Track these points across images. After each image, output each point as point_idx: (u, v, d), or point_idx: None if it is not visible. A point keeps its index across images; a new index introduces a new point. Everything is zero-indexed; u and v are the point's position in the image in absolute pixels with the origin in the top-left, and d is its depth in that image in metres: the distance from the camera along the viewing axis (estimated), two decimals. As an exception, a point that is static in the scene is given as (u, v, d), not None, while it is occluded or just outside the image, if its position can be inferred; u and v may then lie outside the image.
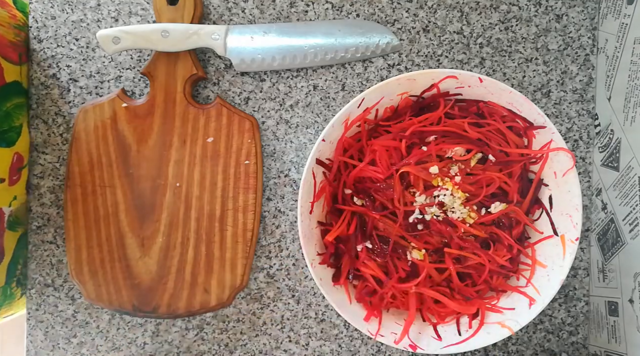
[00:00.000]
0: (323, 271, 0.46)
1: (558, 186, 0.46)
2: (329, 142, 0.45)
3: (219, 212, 0.53)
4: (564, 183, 0.45)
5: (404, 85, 0.45)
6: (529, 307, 0.46)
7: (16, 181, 0.53)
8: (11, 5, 0.57)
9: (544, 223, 0.48)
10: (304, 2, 0.55)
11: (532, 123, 0.45)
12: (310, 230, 0.46)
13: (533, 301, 0.46)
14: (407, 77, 0.43)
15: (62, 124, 0.54)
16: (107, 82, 0.55)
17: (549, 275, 0.46)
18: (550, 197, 0.47)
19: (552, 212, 0.47)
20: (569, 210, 0.45)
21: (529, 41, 0.55)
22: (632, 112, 0.49)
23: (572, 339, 0.56)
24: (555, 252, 0.46)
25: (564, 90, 0.56)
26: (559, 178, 0.46)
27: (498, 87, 0.44)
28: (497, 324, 0.46)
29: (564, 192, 0.45)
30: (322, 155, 0.46)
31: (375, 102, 0.46)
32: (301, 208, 0.44)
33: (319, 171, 0.47)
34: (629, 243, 0.49)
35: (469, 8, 0.55)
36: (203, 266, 0.52)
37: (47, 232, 0.54)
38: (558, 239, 0.46)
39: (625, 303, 0.50)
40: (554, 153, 0.45)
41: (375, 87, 0.43)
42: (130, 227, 0.52)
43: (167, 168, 0.52)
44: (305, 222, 0.45)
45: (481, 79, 0.43)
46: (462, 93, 0.47)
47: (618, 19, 0.52)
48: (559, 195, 0.46)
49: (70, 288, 0.54)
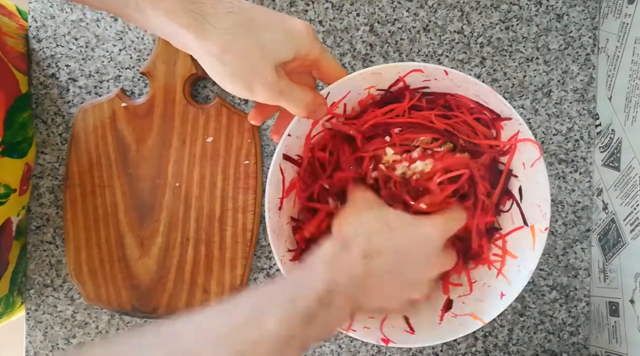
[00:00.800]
0: (294, 268, 0.46)
1: (527, 177, 0.46)
2: (296, 136, 0.45)
3: (218, 212, 0.52)
4: (532, 174, 0.45)
5: (369, 79, 0.44)
6: (500, 298, 0.46)
7: (25, 191, 0.53)
8: (17, 15, 0.57)
9: (515, 214, 0.48)
10: (304, 2, 0.54)
11: (499, 115, 0.45)
12: (280, 226, 0.46)
13: (503, 294, 0.46)
14: (372, 71, 0.43)
15: (61, 124, 0.54)
16: (106, 82, 0.54)
17: (519, 265, 0.46)
18: (520, 188, 0.47)
19: (522, 202, 0.47)
20: (538, 200, 0.45)
21: (530, 40, 0.55)
22: (633, 111, 0.49)
23: (572, 339, 0.56)
24: (526, 243, 0.46)
25: (565, 90, 0.55)
26: (528, 169, 0.45)
27: (464, 80, 0.43)
28: (469, 316, 0.46)
29: (533, 183, 0.45)
30: (291, 151, 0.46)
31: (342, 97, 0.45)
32: (269, 204, 0.44)
33: (288, 167, 0.46)
34: (630, 243, 0.49)
35: (470, 7, 0.55)
36: (203, 266, 0.52)
37: (46, 232, 0.54)
38: (528, 230, 0.46)
39: (626, 303, 0.50)
40: (522, 144, 0.45)
41: (340, 82, 0.43)
42: (130, 227, 0.52)
43: (167, 168, 0.52)
44: (274, 218, 0.45)
45: (447, 72, 0.43)
46: (430, 86, 0.46)
47: (619, 18, 0.51)
48: (528, 186, 0.46)
49: (69, 288, 0.54)
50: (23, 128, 0.52)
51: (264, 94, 0.35)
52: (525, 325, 0.55)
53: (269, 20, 0.34)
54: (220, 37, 0.32)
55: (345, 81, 0.42)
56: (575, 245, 0.56)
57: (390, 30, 0.55)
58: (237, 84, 0.34)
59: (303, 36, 0.35)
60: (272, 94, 0.35)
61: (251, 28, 0.33)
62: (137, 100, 0.53)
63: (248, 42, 0.33)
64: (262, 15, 0.34)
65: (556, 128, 0.56)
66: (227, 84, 0.34)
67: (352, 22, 0.55)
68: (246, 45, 0.33)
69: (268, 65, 0.34)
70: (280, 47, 0.34)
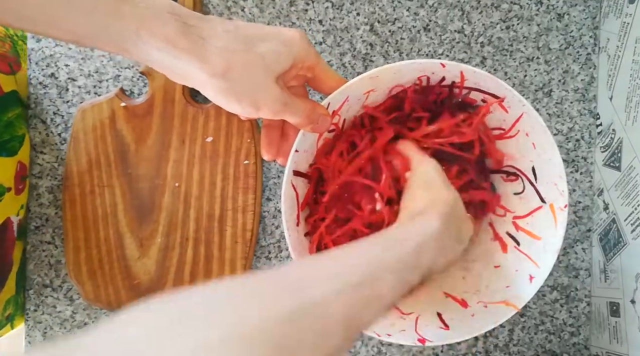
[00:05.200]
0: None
1: (539, 156, 0.46)
2: (303, 151, 0.44)
3: (218, 212, 0.52)
4: (543, 153, 0.45)
5: (367, 84, 0.44)
6: (530, 281, 0.45)
7: (22, 190, 0.53)
8: None
9: (532, 196, 0.47)
10: (303, 1, 0.54)
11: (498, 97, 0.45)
12: (300, 242, 0.45)
13: (532, 277, 0.45)
14: (370, 76, 0.42)
15: (60, 124, 0.54)
16: (105, 82, 0.54)
17: (544, 246, 0.46)
18: (533, 168, 0.47)
19: (537, 183, 0.47)
20: (553, 178, 0.45)
21: (530, 40, 0.55)
22: (634, 111, 0.49)
23: (573, 340, 0.55)
24: (547, 223, 0.46)
25: (566, 90, 0.55)
26: (538, 148, 0.45)
27: (461, 69, 0.43)
28: (501, 304, 0.45)
29: (546, 161, 0.45)
30: (300, 165, 0.45)
31: (340, 104, 0.44)
32: (287, 223, 0.43)
33: (298, 181, 0.46)
34: (631, 243, 0.49)
35: (470, 7, 0.55)
36: (202, 266, 0.52)
37: (45, 232, 0.54)
38: (548, 210, 0.46)
39: (627, 303, 0.50)
40: (530, 125, 0.44)
41: (339, 91, 0.42)
42: (129, 227, 0.52)
43: (166, 168, 0.52)
44: (294, 236, 0.44)
45: (444, 64, 0.43)
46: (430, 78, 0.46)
47: (620, 18, 0.51)
48: (542, 165, 0.46)
49: (68, 288, 0.54)
50: (10, 126, 0.51)
51: (270, 108, 0.35)
52: (526, 326, 0.55)
53: (264, 33, 0.35)
54: (221, 55, 0.33)
55: (344, 89, 0.42)
56: (576, 245, 0.56)
57: (391, 29, 0.55)
58: (243, 102, 0.34)
59: (298, 42, 0.36)
60: (277, 107, 0.36)
61: (249, 42, 0.34)
62: (136, 100, 0.53)
63: (249, 56, 0.34)
64: (257, 30, 0.35)
65: (557, 128, 0.55)
66: (233, 103, 0.35)
67: (352, 21, 0.55)
68: (247, 59, 0.34)
69: (270, 78, 0.35)
70: (279, 57, 0.35)
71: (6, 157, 0.51)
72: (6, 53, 0.54)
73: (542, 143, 0.44)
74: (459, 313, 0.47)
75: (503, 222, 0.49)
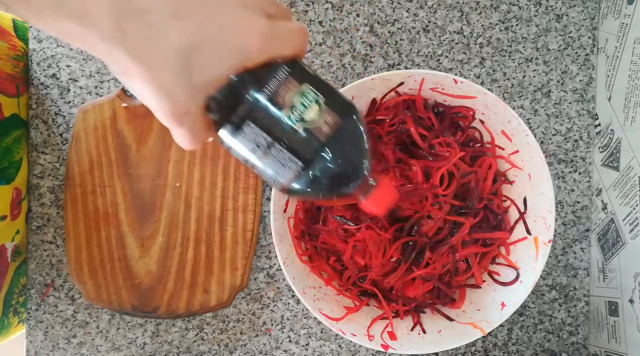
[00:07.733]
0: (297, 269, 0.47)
1: (533, 188, 0.46)
2: None
3: (218, 212, 0.53)
4: (538, 185, 0.45)
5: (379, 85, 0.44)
6: (501, 308, 0.46)
7: (17, 215, 0.53)
8: (12, 34, 0.56)
9: (518, 225, 0.48)
10: (304, 2, 0.55)
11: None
12: (283, 228, 0.46)
13: (504, 304, 0.46)
14: (382, 77, 0.43)
15: (61, 124, 0.54)
16: (107, 82, 0.55)
17: (522, 278, 0.46)
18: (524, 198, 0.47)
19: (526, 213, 0.47)
20: (542, 212, 0.45)
21: (529, 41, 0.55)
22: (633, 112, 0.49)
23: (572, 339, 0.56)
24: (528, 254, 0.46)
25: (564, 90, 0.56)
26: (534, 180, 0.46)
27: (474, 89, 0.44)
28: (470, 325, 0.46)
29: (538, 194, 0.46)
30: None
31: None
32: (274, 207, 0.44)
33: None
34: (629, 243, 0.49)
35: (469, 8, 0.55)
36: (203, 266, 0.52)
37: (46, 232, 0.54)
38: (532, 242, 0.46)
39: (625, 303, 0.50)
40: (528, 155, 0.45)
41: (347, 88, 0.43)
42: (130, 227, 0.52)
43: (167, 168, 0.52)
44: (279, 221, 0.45)
45: (456, 81, 0.43)
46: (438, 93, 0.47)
47: (618, 18, 0.52)
48: (533, 197, 0.46)
49: (70, 288, 0.54)
50: (8, 152, 0.51)
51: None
52: (525, 325, 0.55)
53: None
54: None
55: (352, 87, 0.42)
56: (574, 244, 0.56)
57: (390, 30, 0.55)
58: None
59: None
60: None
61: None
62: (137, 101, 0.53)
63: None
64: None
65: (555, 129, 0.56)
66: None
67: (352, 22, 0.55)
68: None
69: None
70: None
71: (4, 185, 0.50)
72: (17, 73, 0.53)
73: (539, 175, 0.45)
74: (429, 326, 0.47)
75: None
